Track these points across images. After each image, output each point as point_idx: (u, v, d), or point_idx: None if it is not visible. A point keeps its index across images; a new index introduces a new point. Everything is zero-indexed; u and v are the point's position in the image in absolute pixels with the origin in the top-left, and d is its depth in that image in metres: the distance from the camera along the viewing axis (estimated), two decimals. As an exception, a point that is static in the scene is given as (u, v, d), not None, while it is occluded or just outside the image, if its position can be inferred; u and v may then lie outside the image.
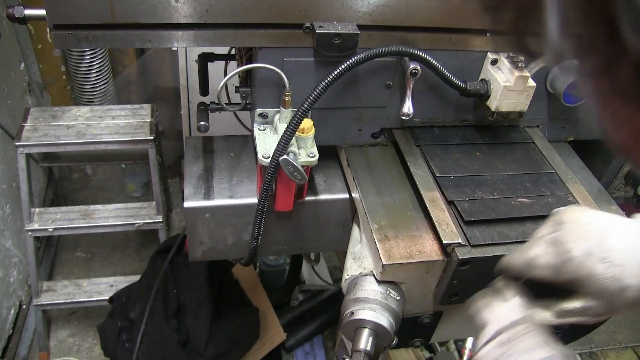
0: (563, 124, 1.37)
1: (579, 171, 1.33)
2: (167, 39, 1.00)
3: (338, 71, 1.01)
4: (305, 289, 3.04)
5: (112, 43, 0.98)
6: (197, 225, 1.23)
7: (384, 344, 1.03)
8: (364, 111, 1.23)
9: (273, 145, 1.09)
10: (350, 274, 1.08)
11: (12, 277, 2.80)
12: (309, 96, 1.02)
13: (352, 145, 1.29)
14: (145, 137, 2.50)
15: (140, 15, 0.95)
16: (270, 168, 1.05)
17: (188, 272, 2.26)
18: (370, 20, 1.05)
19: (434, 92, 1.22)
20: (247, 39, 1.04)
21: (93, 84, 3.19)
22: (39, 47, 3.14)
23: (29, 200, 2.47)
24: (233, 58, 1.41)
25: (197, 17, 0.98)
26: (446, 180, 1.14)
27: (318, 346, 2.78)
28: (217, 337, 2.13)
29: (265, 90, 1.13)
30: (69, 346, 2.86)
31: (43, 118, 2.54)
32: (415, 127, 1.28)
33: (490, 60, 1.15)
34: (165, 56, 3.35)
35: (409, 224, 1.08)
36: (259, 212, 1.13)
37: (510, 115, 1.17)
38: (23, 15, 0.96)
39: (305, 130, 1.07)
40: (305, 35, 1.04)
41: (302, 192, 1.22)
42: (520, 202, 1.10)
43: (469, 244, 1.01)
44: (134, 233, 3.25)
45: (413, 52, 1.06)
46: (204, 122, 1.23)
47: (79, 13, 0.93)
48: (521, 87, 1.12)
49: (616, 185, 1.57)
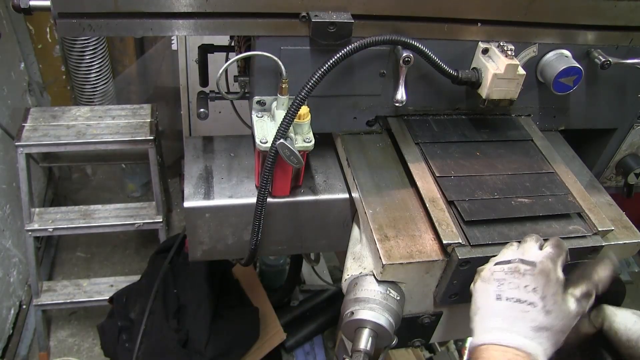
0: (554, 113, 1.39)
1: (571, 161, 1.34)
2: (168, 27, 1.03)
3: (335, 59, 1.04)
4: (305, 289, 3.04)
5: (115, 31, 1.01)
6: (197, 225, 1.23)
7: (384, 344, 1.03)
8: (358, 99, 1.25)
9: (270, 131, 1.12)
10: (350, 274, 1.08)
11: (12, 277, 2.80)
12: (307, 83, 1.04)
13: (348, 132, 1.32)
14: (145, 137, 2.51)
15: (142, 4, 0.98)
16: (270, 153, 1.07)
17: (188, 272, 2.26)
18: (364, 9, 1.07)
19: (427, 80, 1.24)
20: (245, 27, 1.07)
21: (93, 84, 3.19)
22: (39, 47, 3.14)
23: (29, 200, 2.47)
24: (232, 50, 1.43)
25: (197, 6, 1.00)
26: (446, 180, 1.14)
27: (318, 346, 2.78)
28: (217, 337, 2.13)
29: (263, 78, 1.16)
30: (69, 346, 2.86)
31: (43, 118, 2.54)
32: (410, 118, 1.30)
33: (482, 49, 1.17)
34: (165, 56, 3.35)
35: (409, 224, 1.08)
36: (260, 199, 1.14)
37: (501, 103, 1.20)
38: (28, 6, 0.97)
39: (301, 117, 1.11)
40: (301, 24, 1.07)
41: (298, 178, 1.24)
42: (520, 202, 1.10)
43: (469, 244, 1.01)
44: (134, 233, 3.25)
45: (406, 40, 1.09)
46: (203, 110, 1.26)
47: (83, 1, 0.96)
48: (511, 75, 1.14)
49: (607, 175, 1.58)
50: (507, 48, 1.14)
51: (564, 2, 1.15)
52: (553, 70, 1.22)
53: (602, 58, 1.22)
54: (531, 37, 1.20)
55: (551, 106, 1.37)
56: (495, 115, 1.35)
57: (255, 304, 2.38)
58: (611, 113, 1.42)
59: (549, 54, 1.24)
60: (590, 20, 1.19)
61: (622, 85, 1.36)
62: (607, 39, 1.24)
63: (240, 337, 2.25)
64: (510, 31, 1.17)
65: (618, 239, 1.09)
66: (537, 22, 1.17)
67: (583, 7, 1.16)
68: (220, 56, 1.45)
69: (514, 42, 1.16)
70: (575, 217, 1.11)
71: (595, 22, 1.19)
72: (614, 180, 1.60)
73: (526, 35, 1.20)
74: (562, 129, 1.43)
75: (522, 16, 1.14)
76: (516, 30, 1.17)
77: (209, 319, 2.14)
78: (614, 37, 1.24)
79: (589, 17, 1.18)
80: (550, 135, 1.37)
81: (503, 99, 1.18)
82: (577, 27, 1.20)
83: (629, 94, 1.39)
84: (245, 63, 1.31)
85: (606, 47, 1.25)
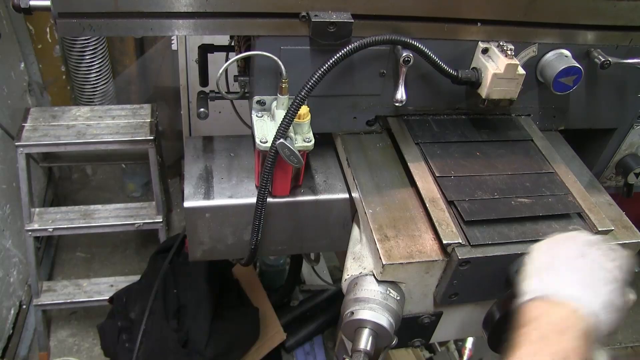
0: (554, 112, 1.39)
1: (571, 161, 1.34)
2: (168, 27, 1.03)
3: (335, 59, 1.04)
4: (305, 289, 3.04)
5: (115, 31, 1.01)
6: (197, 225, 1.23)
7: (384, 344, 1.03)
8: (358, 99, 1.25)
9: (270, 131, 1.12)
10: (350, 274, 1.08)
11: (12, 277, 2.80)
12: (307, 83, 1.04)
13: (348, 132, 1.32)
14: (145, 137, 2.51)
15: (142, 4, 0.98)
16: (270, 153, 1.08)
17: (188, 272, 2.26)
18: (364, 9, 1.07)
19: (427, 80, 1.24)
20: (245, 27, 1.07)
21: (93, 84, 3.19)
22: (39, 47, 3.14)
23: (29, 200, 2.47)
24: (232, 49, 1.43)
25: (197, 6, 1.01)
26: (446, 180, 1.14)
27: (318, 346, 2.78)
28: (217, 337, 2.13)
29: (263, 78, 1.16)
30: (69, 346, 2.86)
31: (43, 118, 2.54)
32: (410, 118, 1.30)
33: (481, 49, 1.17)
34: (165, 56, 3.35)
35: (409, 224, 1.08)
36: (260, 198, 1.14)
37: (501, 103, 1.20)
38: (28, 6, 0.98)
39: (301, 116, 1.11)
40: (301, 24, 1.07)
41: (298, 177, 1.24)
42: (520, 202, 1.10)
43: (469, 244, 1.01)
44: (134, 233, 3.25)
45: (406, 40, 1.09)
46: (203, 109, 1.26)
47: (83, 2, 0.96)
48: (511, 75, 1.14)
49: (607, 175, 1.58)
50: (506, 48, 1.14)
51: (564, 2, 1.15)
52: (553, 70, 1.22)
53: (602, 58, 1.22)
54: (531, 37, 1.20)
55: (551, 106, 1.37)
56: (495, 115, 1.35)
57: (255, 304, 2.38)
58: (611, 113, 1.42)
59: (549, 54, 1.24)
60: (590, 20, 1.19)
61: (622, 85, 1.36)
62: (607, 38, 1.24)
63: (240, 337, 2.25)
64: (510, 31, 1.17)
65: (618, 239, 1.09)
66: (537, 22, 1.17)
67: (583, 7, 1.16)
68: (220, 56, 1.46)
69: (514, 42, 1.17)
70: (575, 217, 1.11)
71: (595, 22, 1.19)
72: (613, 180, 1.60)
73: (526, 35, 1.20)
74: (562, 128, 1.43)
75: (522, 16, 1.15)
76: (516, 30, 1.17)
77: (209, 319, 2.14)
78: (614, 37, 1.24)
79: (589, 17, 1.18)
80: (550, 135, 1.37)
81: (503, 98, 1.18)
82: (577, 27, 1.20)
83: (629, 94, 1.39)
84: (245, 63, 1.31)
85: (606, 47, 1.25)
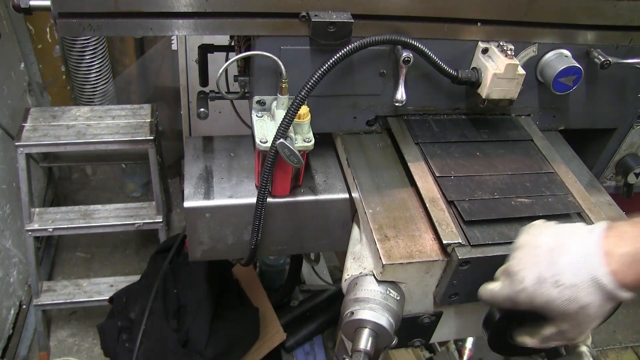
0: (554, 112, 1.39)
1: (571, 160, 1.34)
2: (168, 27, 1.03)
3: (335, 59, 1.04)
4: (305, 289, 3.04)
5: (115, 31, 1.01)
6: (197, 225, 1.23)
7: (384, 344, 1.03)
8: (358, 99, 1.25)
9: (270, 131, 1.12)
10: (350, 274, 1.08)
11: (12, 277, 2.80)
12: (307, 83, 1.04)
13: (347, 132, 1.32)
14: (145, 137, 2.51)
15: (142, 4, 0.98)
16: (270, 153, 1.08)
17: (188, 272, 2.26)
18: (364, 9, 1.07)
19: (427, 80, 1.24)
20: (245, 27, 1.07)
21: (93, 84, 3.19)
22: (39, 47, 3.14)
23: (29, 200, 2.47)
24: (232, 49, 1.43)
25: (197, 6, 1.01)
26: (446, 180, 1.14)
27: (318, 346, 2.78)
28: (217, 337, 2.13)
29: (263, 78, 1.16)
30: (69, 346, 2.86)
31: (43, 118, 2.54)
32: (410, 118, 1.30)
33: (481, 49, 1.17)
34: (165, 56, 3.35)
35: (409, 224, 1.08)
36: (260, 198, 1.14)
37: (500, 103, 1.20)
38: (28, 6, 0.97)
39: (301, 116, 1.11)
40: (301, 24, 1.07)
41: (298, 177, 1.24)
42: (520, 202, 1.10)
43: (469, 244, 1.01)
44: (134, 233, 3.25)
45: (406, 40, 1.09)
46: (203, 109, 1.26)
47: (83, 1, 0.96)
48: (511, 75, 1.14)
49: (607, 175, 1.58)
50: (506, 48, 1.14)
51: (563, 2, 1.15)
52: (553, 70, 1.22)
53: (602, 58, 1.22)
54: (531, 37, 1.20)
55: (551, 106, 1.37)
56: (495, 115, 1.35)
57: (255, 304, 2.38)
58: (611, 113, 1.42)
59: (549, 54, 1.24)
60: (590, 20, 1.19)
61: (621, 85, 1.36)
62: (607, 38, 1.24)
63: (240, 337, 2.25)
64: (510, 31, 1.17)
65: (618, 238, 1.09)
66: (537, 22, 1.17)
67: (583, 7, 1.16)
68: (220, 56, 1.46)
69: (514, 41, 1.17)
70: (575, 217, 1.11)
71: (595, 22, 1.19)
72: (613, 179, 1.60)
73: (526, 35, 1.20)
74: (562, 128, 1.43)
75: (522, 16, 1.15)
76: (516, 30, 1.17)
77: (209, 319, 2.14)
78: (613, 37, 1.24)
79: (588, 17, 1.18)
80: (550, 135, 1.37)
81: (503, 98, 1.18)
82: (577, 27, 1.20)
83: (628, 94, 1.39)
84: (245, 63, 1.31)
85: (606, 47, 1.25)
